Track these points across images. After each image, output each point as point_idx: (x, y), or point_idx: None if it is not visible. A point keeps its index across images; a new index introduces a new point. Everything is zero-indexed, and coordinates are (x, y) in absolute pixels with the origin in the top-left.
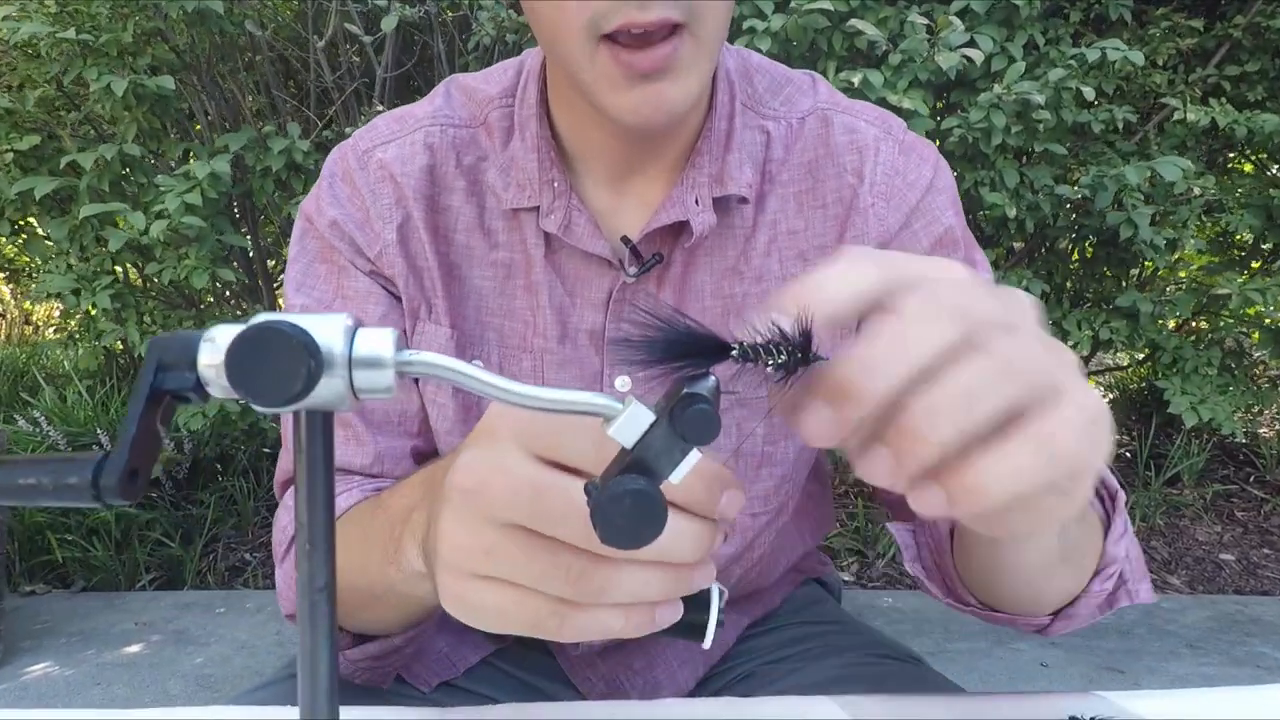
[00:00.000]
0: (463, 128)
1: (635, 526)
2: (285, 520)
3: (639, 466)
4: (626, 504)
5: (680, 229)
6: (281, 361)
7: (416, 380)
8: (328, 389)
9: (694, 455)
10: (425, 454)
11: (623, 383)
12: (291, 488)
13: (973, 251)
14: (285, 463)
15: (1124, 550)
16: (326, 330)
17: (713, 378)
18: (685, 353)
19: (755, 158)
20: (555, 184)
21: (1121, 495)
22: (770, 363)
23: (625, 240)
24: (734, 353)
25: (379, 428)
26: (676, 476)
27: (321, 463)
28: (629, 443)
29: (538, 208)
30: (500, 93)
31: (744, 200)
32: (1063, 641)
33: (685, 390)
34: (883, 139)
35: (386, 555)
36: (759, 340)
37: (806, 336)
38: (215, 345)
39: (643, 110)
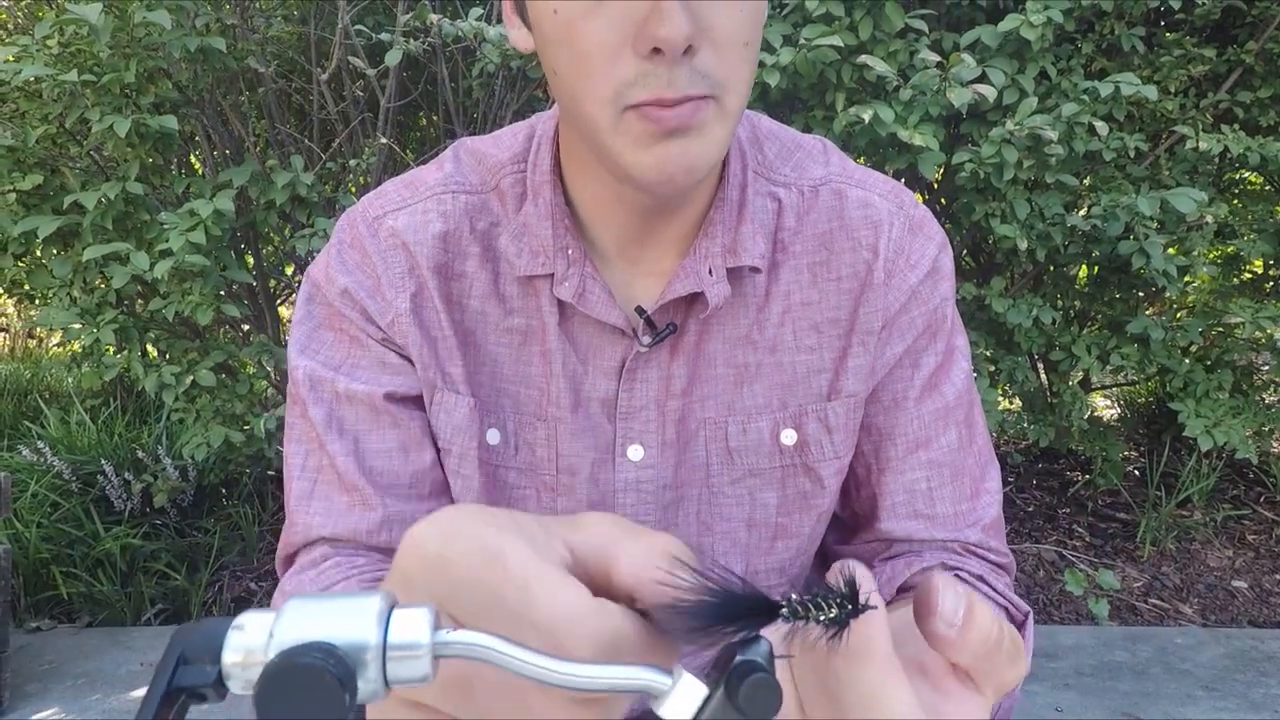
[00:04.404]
0: (474, 194)
1: None
2: None
3: None
4: None
5: (694, 298)
6: (314, 699)
7: (434, 437)
8: (362, 690)
9: None
10: None
11: (635, 451)
12: (296, 567)
13: (955, 337)
14: (290, 535)
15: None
16: (359, 625)
17: (765, 642)
18: (733, 616)
19: (766, 226)
20: (570, 251)
21: (1030, 621)
22: (823, 619)
23: (640, 310)
24: (783, 611)
25: (388, 490)
26: None
27: None
28: None
29: (552, 275)
30: (512, 158)
31: (756, 270)
32: (1077, 684)
33: (739, 658)
34: (895, 214)
35: None
36: (805, 596)
37: (852, 586)
38: (244, 634)
39: (665, 167)
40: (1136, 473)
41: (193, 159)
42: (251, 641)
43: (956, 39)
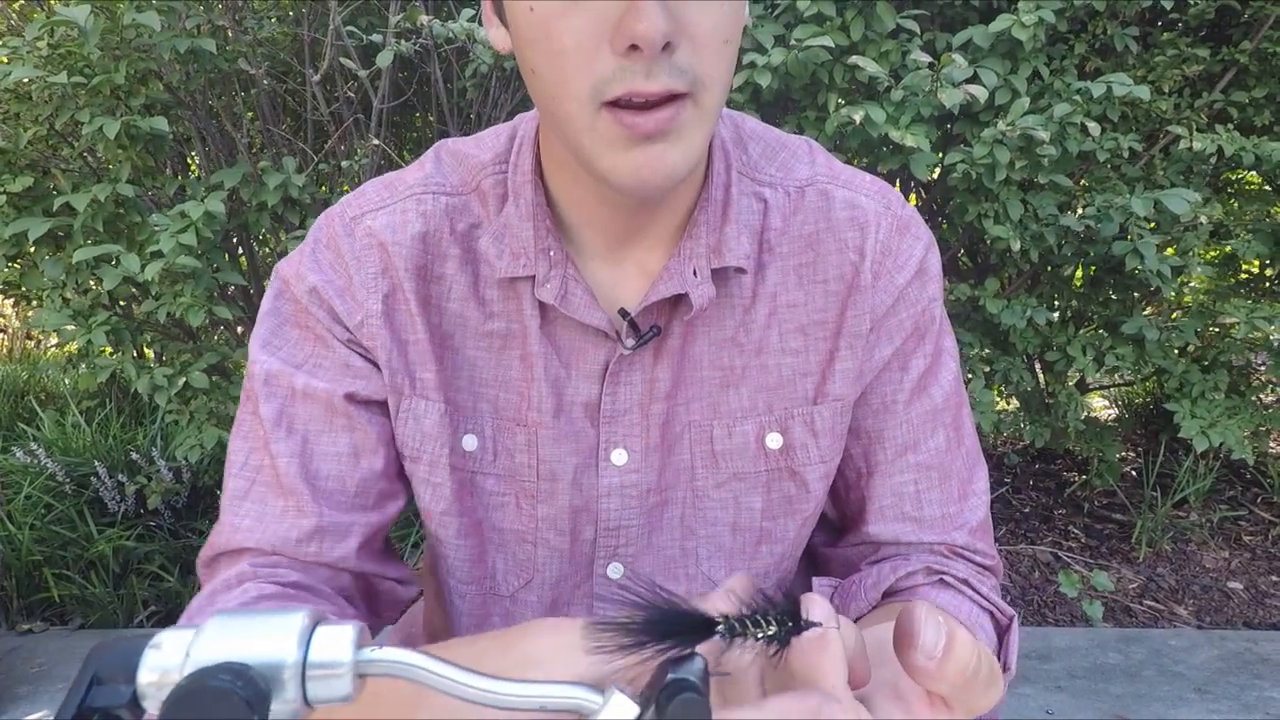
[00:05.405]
0: (455, 195)
1: None
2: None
3: None
4: None
5: (679, 300)
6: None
7: (398, 446)
8: (279, 710)
9: None
10: (375, 535)
11: (619, 455)
12: (209, 590)
13: (943, 338)
14: (216, 535)
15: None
16: (278, 643)
17: (699, 659)
18: (668, 632)
19: (752, 227)
20: (551, 253)
21: (1015, 625)
22: (760, 636)
23: (623, 313)
24: (720, 628)
25: (329, 497)
26: None
27: None
28: None
29: (533, 277)
30: (493, 159)
31: (741, 271)
32: (1069, 685)
33: (670, 676)
34: (882, 214)
35: None
36: (744, 612)
37: (794, 603)
38: (161, 653)
39: (641, 172)
40: (1133, 473)
41: (189, 161)
42: (168, 661)
43: (948, 39)
